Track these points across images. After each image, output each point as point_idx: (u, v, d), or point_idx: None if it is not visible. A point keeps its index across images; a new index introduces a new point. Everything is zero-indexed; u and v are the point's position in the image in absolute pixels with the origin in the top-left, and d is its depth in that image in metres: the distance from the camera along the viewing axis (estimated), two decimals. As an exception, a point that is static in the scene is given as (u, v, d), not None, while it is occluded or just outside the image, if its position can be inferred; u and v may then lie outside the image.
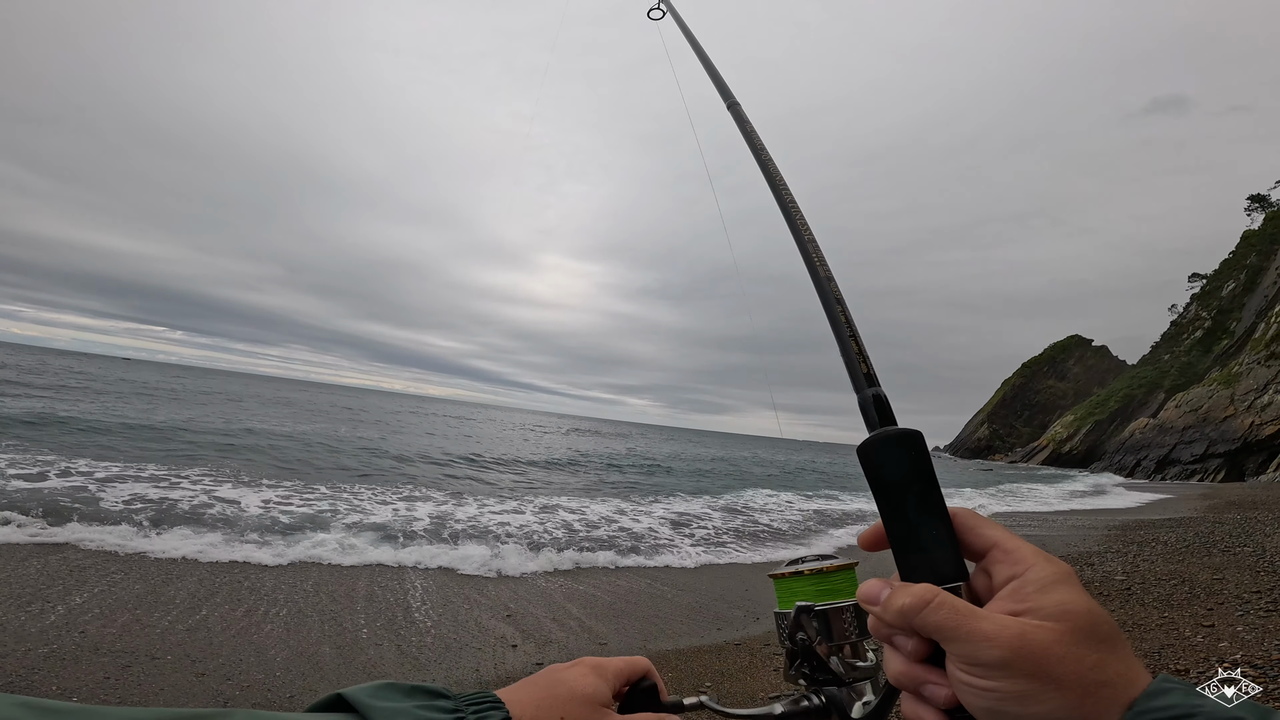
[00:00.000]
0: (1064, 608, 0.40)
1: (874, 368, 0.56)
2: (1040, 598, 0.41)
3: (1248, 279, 74.47)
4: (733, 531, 10.58)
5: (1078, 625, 0.39)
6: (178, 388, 38.41)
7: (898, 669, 0.46)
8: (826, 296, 0.61)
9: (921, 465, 0.48)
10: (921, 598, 0.43)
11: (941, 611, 0.42)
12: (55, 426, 12.90)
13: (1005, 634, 0.39)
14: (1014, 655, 0.38)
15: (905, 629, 0.45)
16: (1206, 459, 51.05)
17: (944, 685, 0.43)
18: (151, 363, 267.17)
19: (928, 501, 0.47)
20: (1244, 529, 10.59)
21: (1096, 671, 0.38)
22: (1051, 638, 0.38)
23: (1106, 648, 0.39)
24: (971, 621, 0.41)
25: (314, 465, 12.97)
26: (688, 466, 26.06)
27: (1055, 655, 0.38)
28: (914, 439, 0.49)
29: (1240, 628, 4.59)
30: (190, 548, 5.96)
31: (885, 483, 0.48)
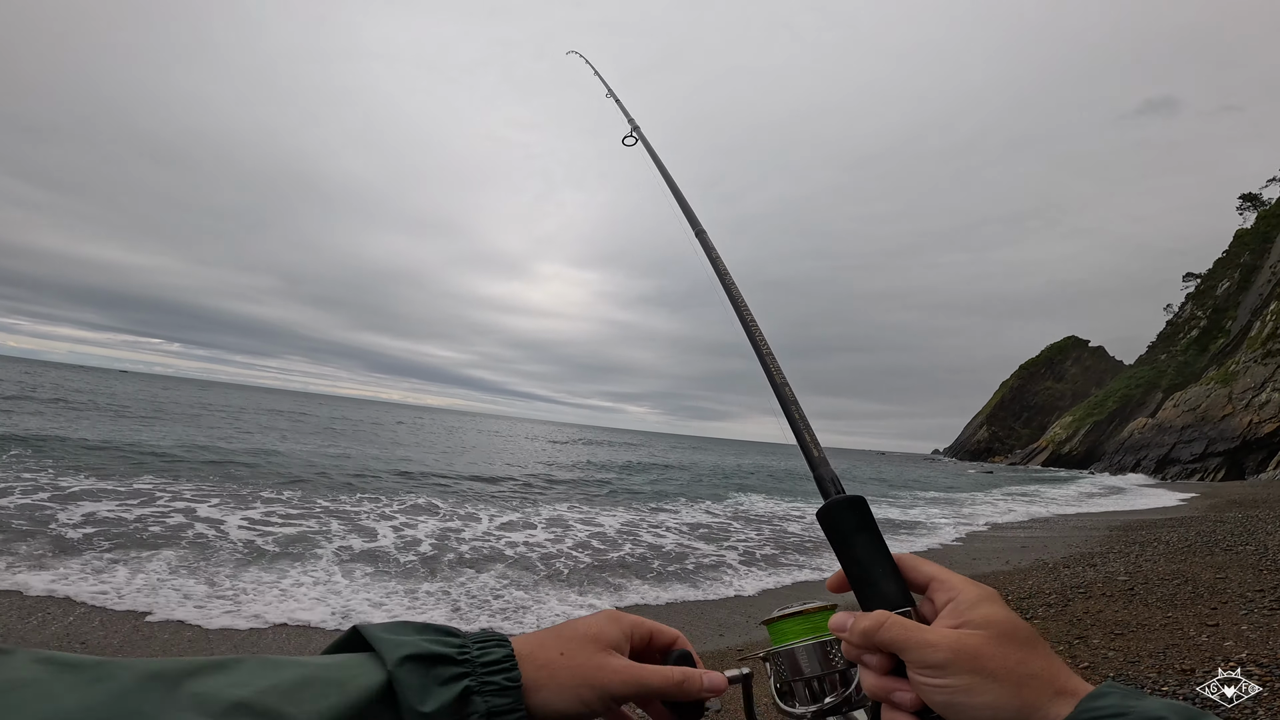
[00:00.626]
0: (988, 618, 0.51)
1: (821, 446, 0.70)
2: (970, 613, 0.52)
3: (1242, 277, 74.79)
4: (772, 543, 10.14)
5: (1001, 631, 0.50)
6: (165, 400, 38.23)
7: (871, 683, 0.56)
8: (784, 399, 0.74)
9: (868, 521, 0.60)
10: (877, 620, 0.54)
11: (894, 629, 0.53)
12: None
13: (945, 640, 0.50)
14: (954, 655, 0.49)
15: (869, 647, 0.55)
16: (1206, 458, 51.05)
17: (908, 690, 0.53)
18: (148, 375, 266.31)
19: (875, 548, 0.59)
20: (1246, 527, 10.58)
21: (1022, 666, 0.48)
22: (980, 641, 0.49)
23: (1027, 648, 0.50)
24: (918, 634, 0.52)
25: (309, 476, 12.87)
26: (687, 473, 26.01)
27: (986, 654, 0.49)
28: (860, 502, 0.61)
29: (1245, 626, 4.58)
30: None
31: (842, 536, 0.60)
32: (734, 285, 0.87)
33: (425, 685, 0.47)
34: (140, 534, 6.76)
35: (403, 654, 0.48)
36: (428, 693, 0.47)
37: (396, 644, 0.48)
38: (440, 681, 0.48)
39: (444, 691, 0.48)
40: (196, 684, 0.37)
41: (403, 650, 0.48)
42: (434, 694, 0.47)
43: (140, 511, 7.79)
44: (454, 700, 0.48)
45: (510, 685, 0.51)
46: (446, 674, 0.49)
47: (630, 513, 12.51)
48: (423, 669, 0.48)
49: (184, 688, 0.37)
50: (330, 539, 7.53)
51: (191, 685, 0.37)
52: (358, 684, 0.44)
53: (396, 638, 0.50)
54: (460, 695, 0.48)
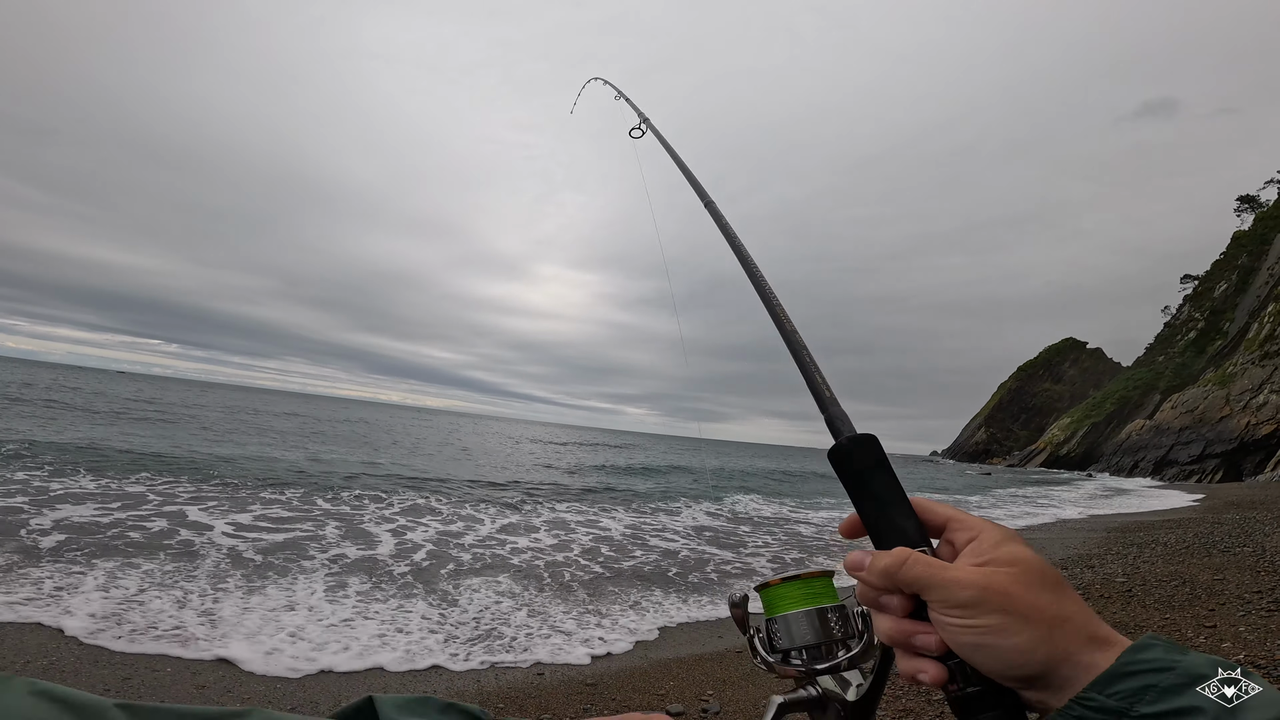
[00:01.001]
0: (1015, 557, 0.47)
1: (831, 386, 0.68)
2: (994, 551, 0.48)
3: (1239, 279, 74.96)
4: (795, 547, 9.93)
5: (1029, 570, 0.47)
6: (159, 400, 38.15)
7: (888, 627, 0.52)
8: (794, 344, 0.74)
9: (881, 458, 0.57)
10: (899, 556, 0.50)
11: (918, 566, 0.49)
12: None
13: (973, 576, 0.47)
14: (983, 593, 0.45)
15: (889, 588, 0.51)
16: (1204, 459, 51.12)
17: (931, 633, 0.49)
18: (146, 376, 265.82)
19: (891, 487, 0.56)
20: (1243, 529, 10.60)
21: (1055, 607, 0.45)
22: (1009, 579, 0.46)
23: (1058, 590, 0.46)
24: (944, 571, 0.48)
25: (307, 477, 12.83)
26: (684, 474, 26.00)
27: (1016, 594, 0.45)
28: (872, 440, 0.59)
29: (1242, 628, 4.59)
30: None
31: (856, 475, 0.57)
32: (744, 248, 0.90)
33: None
34: (113, 542, 6.28)
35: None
36: None
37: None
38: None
39: None
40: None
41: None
42: None
43: (120, 515, 7.43)
44: None
45: None
46: None
47: (632, 514, 12.48)
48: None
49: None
50: (324, 547, 7.14)
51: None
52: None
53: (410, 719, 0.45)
54: None
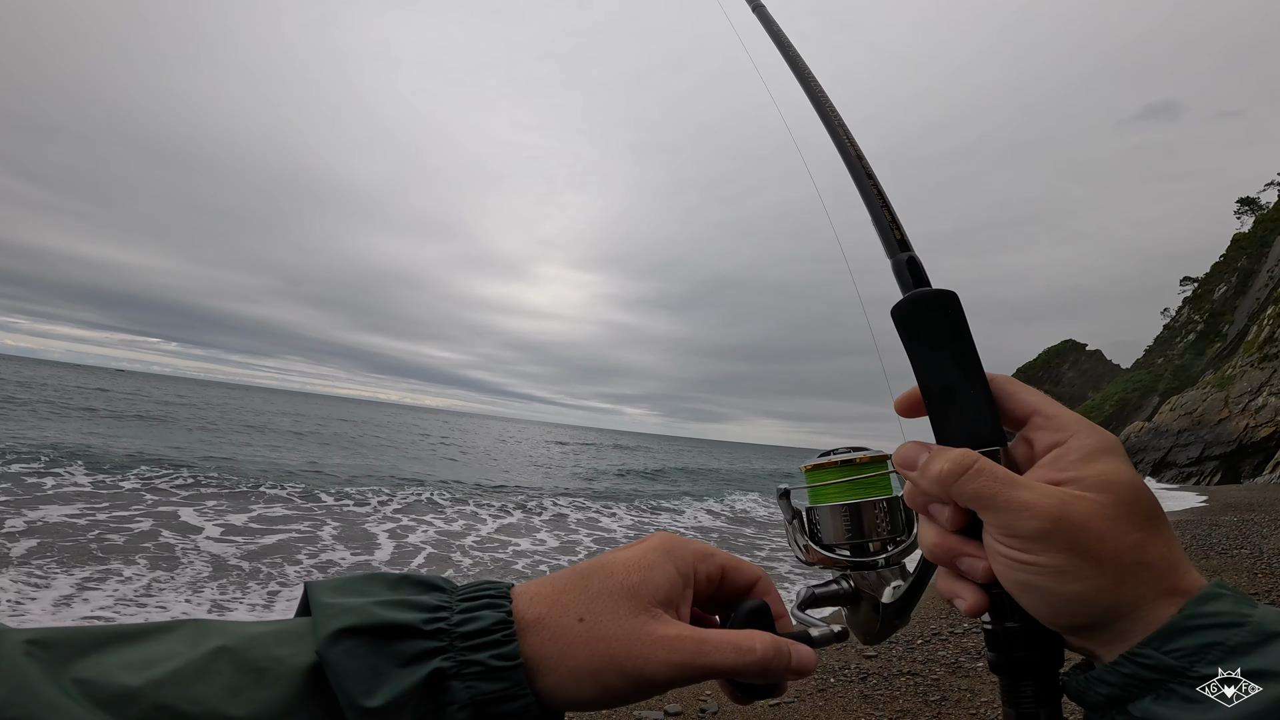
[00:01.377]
0: (1107, 479, 0.37)
1: (905, 231, 0.55)
2: (1083, 467, 0.38)
3: (1239, 282, 75.05)
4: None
5: (1121, 498, 0.37)
6: (155, 399, 38.07)
7: (933, 540, 0.43)
8: (858, 172, 0.58)
9: (958, 325, 0.45)
10: (959, 463, 0.40)
11: (980, 478, 0.39)
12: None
13: (1045, 503, 0.37)
14: (1053, 526, 0.36)
15: (942, 497, 0.42)
16: (1202, 461, 51.18)
17: (980, 558, 0.41)
18: (145, 374, 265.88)
19: (965, 362, 0.45)
20: (1241, 531, 10.60)
21: (1137, 551, 0.36)
22: (1092, 510, 0.36)
23: (1150, 526, 0.37)
24: (1011, 489, 0.38)
25: (304, 478, 12.82)
26: (688, 476, 25.99)
27: (1096, 530, 0.36)
28: (949, 299, 0.46)
29: (1240, 630, 4.60)
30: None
31: (921, 343, 0.46)
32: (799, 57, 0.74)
33: (374, 668, 0.34)
34: (89, 546, 5.88)
35: (339, 626, 0.34)
36: (378, 679, 0.33)
37: (336, 611, 0.35)
38: (401, 661, 0.35)
39: (404, 676, 0.34)
40: (86, 665, 0.30)
41: (341, 621, 0.35)
42: (388, 680, 0.34)
43: (102, 517, 7.10)
44: (417, 686, 0.34)
45: (503, 665, 0.36)
46: (410, 651, 0.35)
47: (633, 514, 12.48)
48: (370, 647, 0.34)
49: (71, 667, 0.30)
50: (316, 550, 6.84)
51: (79, 666, 0.30)
52: (283, 667, 0.33)
53: (342, 601, 0.36)
54: (428, 680, 0.34)
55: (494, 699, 0.35)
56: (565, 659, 0.38)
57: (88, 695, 0.29)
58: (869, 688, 3.82)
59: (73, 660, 0.30)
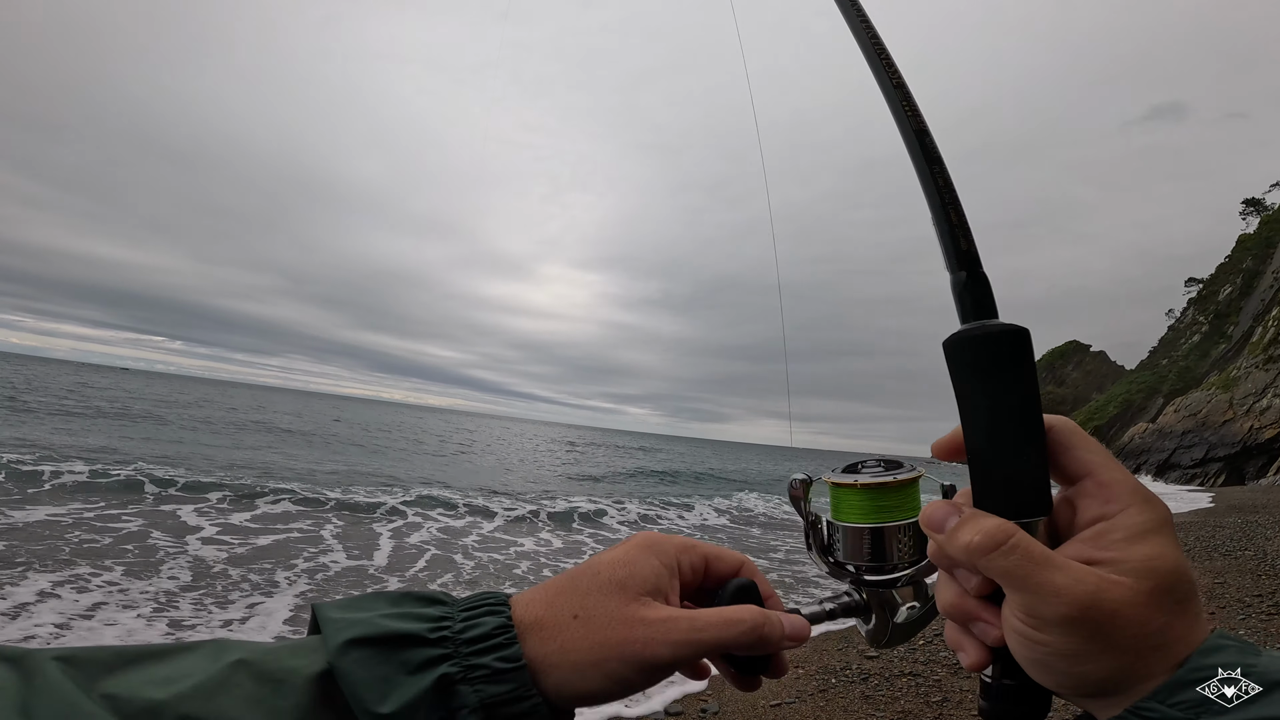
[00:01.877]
0: (1151, 565, 0.35)
1: (975, 243, 0.44)
2: (1127, 548, 0.36)
3: (1244, 283, 74.77)
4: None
5: (1160, 585, 0.35)
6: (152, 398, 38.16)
7: (951, 601, 0.42)
8: (916, 152, 0.46)
9: (1021, 373, 0.39)
10: (994, 538, 0.37)
11: (1013, 557, 0.36)
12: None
13: (1077, 590, 0.35)
14: (1080, 614, 0.34)
15: (968, 566, 0.39)
16: (1206, 463, 51.01)
17: (995, 625, 0.39)
18: (149, 373, 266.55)
19: (1022, 417, 0.38)
20: (1244, 532, 10.58)
21: (1158, 636, 0.35)
22: (1127, 597, 0.34)
23: (1179, 610, 0.35)
24: (1044, 572, 0.36)
25: (302, 480, 12.83)
26: (695, 476, 26.00)
27: (1124, 618, 0.34)
28: (1021, 338, 0.39)
29: (1243, 631, 4.59)
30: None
31: (977, 387, 0.40)
32: (875, 32, 0.53)
33: (385, 677, 0.36)
34: (62, 550, 5.44)
35: (347, 637, 0.37)
36: (389, 686, 0.35)
37: (344, 625, 0.37)
38: (410, 669, 0.37)
39: (413, 683, 0.36)
40: (112, 682, 0.32)
41: (349, 632, 0.37)
42: (398, 687, 0.36)
43: (89, 516, 6.76)
44: (426, 693, 0.36)
45: (508, 667, 0.38)
46: (418, 659, 0.37)
47: (643, 507, 12.43)
48: (379, 656, 0.36)
49: (99, 685, 0.32)
50: (312, 555, 6.52)
51: (107, 683, 0.32)
52: (299, 677, 0.35)
53: (347, 616, 0.38)
54: (437, 685, 0.36)
55: (503, 700, 0.37)
56: (567, 655, 0.39)
57: (116, 711, 0.31)
58: (870, 688, 3.82)
59: (99, 678, 0.32)
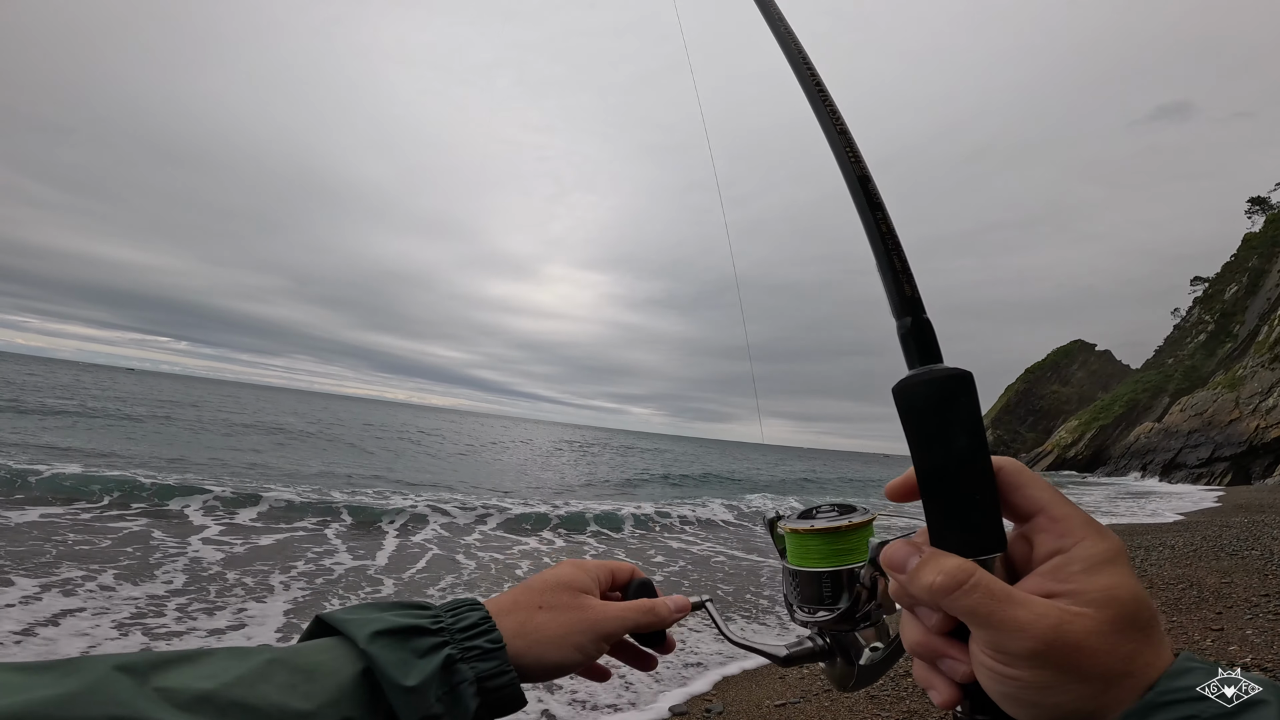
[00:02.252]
0: (1111, 594, 0.36)
1: (919, 289, 0.45)
2: (1085, 579, 0.37)
3: (1250, 282, 74.41)
4: None
5: (1121, 613, 0.36)
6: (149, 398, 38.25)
7: (915, 639, 0.43)
8: (860, 199, 0.48)
9: (967, 414, 0.40)
10: (954, 578, 0.38)
11: (975, 594, 0.37)
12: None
13: (1041, 624, 0.36)
14: (1046, 648, 0.35)
15: (931, 605, 0.41)
16: (1212, 462, 50.77)
17: (963, 661, 0.40)
18: (155, 373, 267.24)
19: (971, 457, 0.40)
20: (1251, 532, 10.53)
21: (1125, 663, 0.35)
22: (1090, 628, 0.35)
23: (1142, 637, 0.36)
24: (1007, 608, 0.37)
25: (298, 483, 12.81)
26: (702, 474, 25.99)
27: (1089, 648, 0.35)
28: (964, 382, 0.40)
29: (1250, 631, 4.57)
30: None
31: (922, 432, 0.41)
32: (798, 46, 0.57)
33: (404, 659, 0.46)
34: (48, 552, 5.24)
35: (372, 630, 0.46)
36: (409, 666, 0.45)
37: (364, 622, 0.47)
38: (420, 653, 0.47)
39: (425, 663, 0.46)
40: (163, 676, 0.38)
41: (372, 626, 0.47)
42: (415, 666, 0.45)
43: (87, 517, 6.60)
44: (438, 670, 0.46)
45: (493, 647, 0.50)
46: (425, 645, 0.48)
47: (657, 505, 12.42)
48: (397, 643, 0.46)
49: (151, 680, 0.37)
50: (315, 556, 6.44)
51: (158, 678, 0.37)
52: (328, 668, 0.43)
53: (363, 617, 0.48)
54: (444, 664, 0.47)
55: (490, 675, 0.49)
56: (538, 633, 0.54)
57: (170, 701, 0.36)
58: (875, 688, 3.81)
59: (150, 676, 0.37)
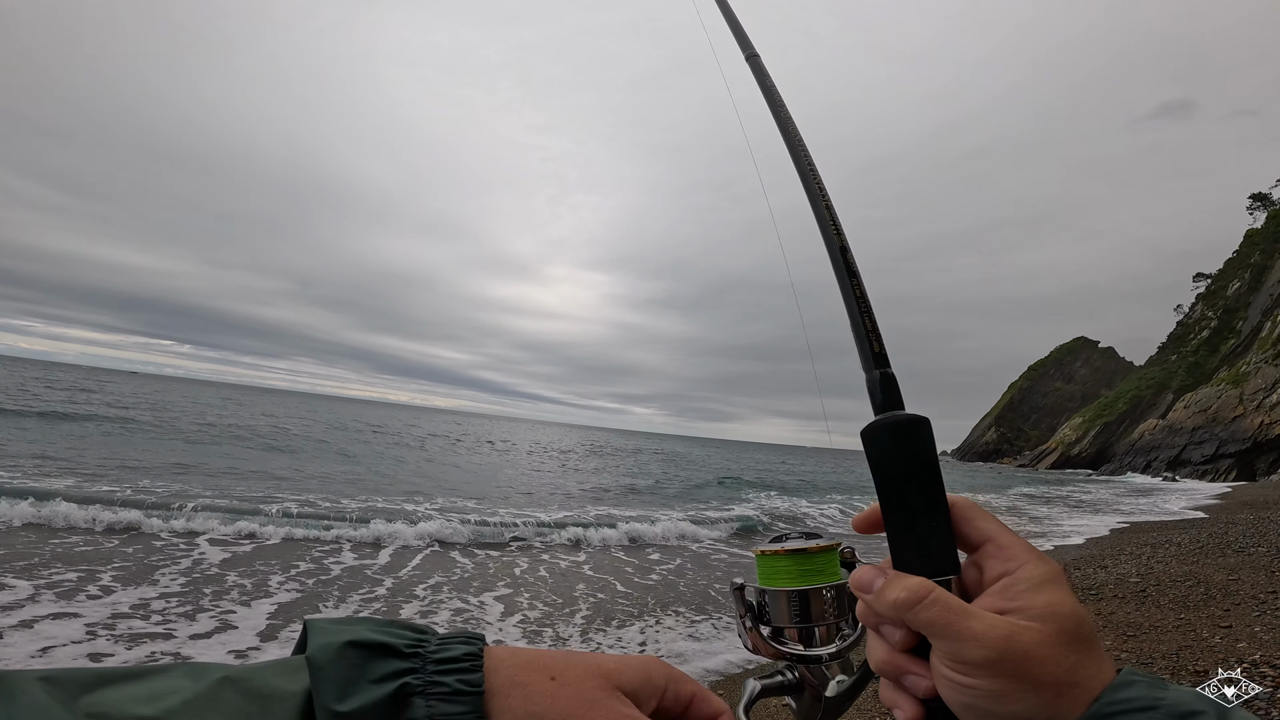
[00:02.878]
0: (1053, 609, 0.41)
1: (885, 346, 0.54)
2: (1030, 597, 0.42)
3: (1252, 278, 74.19)
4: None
5: (1063, 628, 0.40)
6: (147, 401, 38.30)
7: (881, 657, 0.46)
8: (839, 266, 0.56)
9: (925, 454, 0.47)
10: (916, 593, 0.43)
11: (934, 608, 0.42)
12: None
13: (993, 634, 0.40)
14: (999, 655, 0.39)
15: (895, 621, 0.45)
16: (1217, 459, 50.65)
17: (925, 676, 0.44)
18: (159, 376, 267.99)
19: (928, 491, 0.47)
20: (1257, 529, 10.49)
21: (1072, 673, 0.39)
22: (1037, 639, 0.40)
23: (1084, 649, 0.40)
24: (963, 620, 0.41)
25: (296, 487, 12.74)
26: (707, 479, 25.96)
27: (1038, 657, 0.39)
28: (919, 426, 0.47)
29: (1258, 628, 4.56)
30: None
31: (886, 469, 0.48)
32: (790, 119, 0.67)
33: (352, 680, 0.37)
34: (40, 554, 5.32)
35: (344, 640, 0.39)
36: (352, 688, 0.37)
37: (333, 631, 0.40)
38: (375, 678, 0.38)
39: (373, 689, 0.37)
40: (96, 699, 0.32)
41: (344, 637, 0.39)
42: (360, 691, 0.37)
43: (83, 522, 6.75)
44: (386, 700, 0.37)
45: (466, 690, 0.39)
46: (385, 669, 0.39)
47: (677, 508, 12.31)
48: (357, 660, 0.38)
49: (80, 702, 0.32)
50: (318, 556, 6.51)
51: (90, 701, 0.32)
52: (284, 691, 0.36)
53: (341, 627, 0.41)
54: (395, 694, 0.38)
55: (450, 717, 0.38)
56: (528, 701, 0.41)
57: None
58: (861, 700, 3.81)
59: (79, 696, 0.32)
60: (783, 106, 0.69)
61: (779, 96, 0.70)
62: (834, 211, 0.59)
